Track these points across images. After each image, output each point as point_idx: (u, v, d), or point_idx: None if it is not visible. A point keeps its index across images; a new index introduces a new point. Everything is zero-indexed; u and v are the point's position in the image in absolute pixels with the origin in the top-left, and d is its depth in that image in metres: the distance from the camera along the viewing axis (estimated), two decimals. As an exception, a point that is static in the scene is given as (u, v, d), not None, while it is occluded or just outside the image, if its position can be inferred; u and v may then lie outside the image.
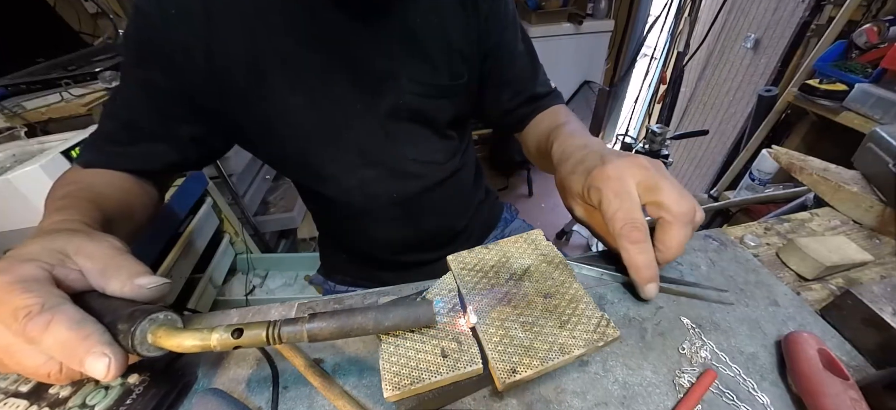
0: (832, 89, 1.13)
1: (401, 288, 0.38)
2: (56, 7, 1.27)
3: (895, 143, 0.45)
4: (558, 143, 0.42)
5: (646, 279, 0.30)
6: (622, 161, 0.31)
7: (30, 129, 0.92)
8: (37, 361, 0.23)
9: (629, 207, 0.29)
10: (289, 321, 0.24)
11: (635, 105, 2.45)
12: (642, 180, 0.30)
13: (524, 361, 0.26)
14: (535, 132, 0.54)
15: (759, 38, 1.63)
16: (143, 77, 0.41)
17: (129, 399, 0.27)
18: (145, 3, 0.38)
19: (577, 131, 0.44)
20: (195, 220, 1.07)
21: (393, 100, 0.47)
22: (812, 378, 0.26)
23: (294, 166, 0.53)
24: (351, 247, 0.64)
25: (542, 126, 0.53)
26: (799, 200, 0.74)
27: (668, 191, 0.29)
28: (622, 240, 0.29)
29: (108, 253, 0.27)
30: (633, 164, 0.30)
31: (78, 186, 0.38)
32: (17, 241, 0.71)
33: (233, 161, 1.28)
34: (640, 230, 0.29)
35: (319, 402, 0.29)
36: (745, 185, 1.33)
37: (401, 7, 0.44)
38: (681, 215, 0.29)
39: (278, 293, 1.35)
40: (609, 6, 2.12)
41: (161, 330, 0.24)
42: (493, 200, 0.74)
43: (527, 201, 2.25)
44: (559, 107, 0.55)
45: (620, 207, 0.29)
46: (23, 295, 0.22)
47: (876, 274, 0.40)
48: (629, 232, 0.29)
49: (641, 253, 0.29)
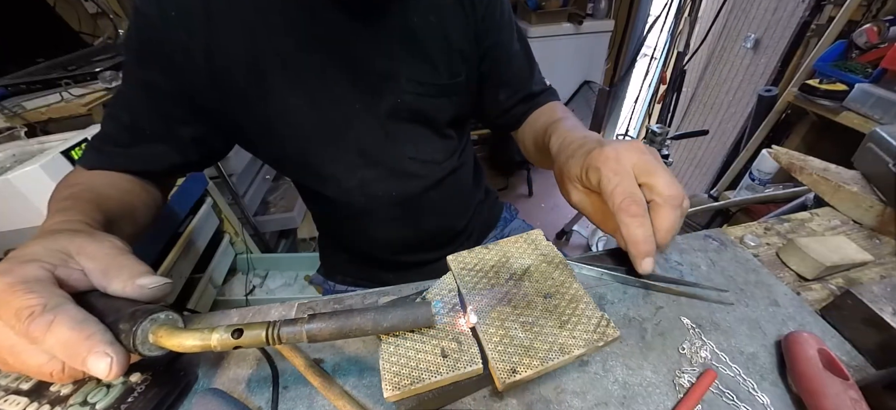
0: (832, 89, 1.13)
1: (401, 289, 0.38)
2: (56, 7, 1.27)
3: (895, 143, 0.45)
4: (556, 136, 0.42)
5: (643, 253, 0.30)
6: (620, 144, 0.32)
7: (30, 129, 0.92)
8: (39, 360, 0.23)
9: (628, 184, 0.30)
10: (288, 321, 0.24)
11: (635, 105, 2.45)
12: (638, 162, 0.30)
13: (524, 361, 0.26)
14: (532, 128, 0.54)
15: (759, 38, 1.63)
16: (144, 78, 0.41)
17: (131, 398, 0.27)
18: (145, 5, 0.38)
19: (575, 126, 0.45)
20: (195, 220, 1.07)
21: (393, 100, 0.47)
22: (812, 378, 0.26)
23: (294, 166, 0.53)
24: (351, 247, 0.65)
25: (538, 122, 0.53)
26: (799, 200, 0.74)
27: (660, 174, 0.30)
28: (622, 215, 0.29)
29: (109, 253, 0.27)
30: (630, 147, 0.32)
31: (80, 187, 0.39)
32: (17, 241, 0.71)
33: (233, 161, 1.28)
34: (639, 204, 0.29)
35: (319, 402, 0.29)
36: (745, 185, 1.33)
37: (400, 7, 0.44)
38: (671, 198, 0.29)
39: (278, 293, 1.34)
40: (609, 6, 2.12)
41: (162, 329, 0.24)
42: (493, 200, 0.74)
43: (527, 201, 2.25)
44: (555, 103, 0.56)
45: (619, 183, 0.30)
46: (25, 296, 0.22)
47: (876, 274, 0.40)
48: (628, 205, 0.29)
49: (640, 228, 0.29)
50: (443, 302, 0.31)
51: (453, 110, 0.52)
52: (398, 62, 0.46)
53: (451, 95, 0.51)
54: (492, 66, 0.53)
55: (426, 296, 0.32)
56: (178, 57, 0.39)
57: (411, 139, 0.51)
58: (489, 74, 0.53)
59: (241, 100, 0.43)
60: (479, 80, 0.54)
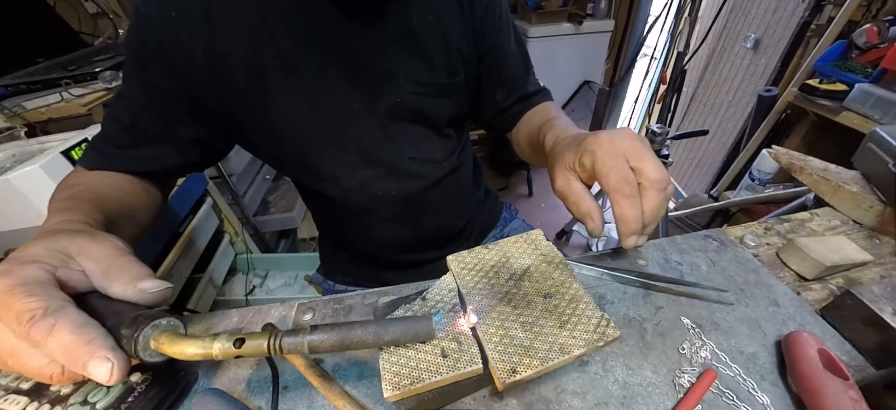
0: (832, 89, 1.13)
1: (401, 288, 0.38)
2: (56, 7, 1.27)
3: (895, 143, 0.45)
4: (552, 134, 0.44)
5: (632, 231, 0.32)
6: (613, 130, 0.34)
7: (30, 129, 0.92)
8: (39, 363, 0.23)
9: (622, 166, 0.32)
10: (290, 332, 0.24)
11: (635, 105, 2.45)
12: (629, 147, 0.32)
13: (524, 361, 0.26)
14: (527, 128, 0.55)
15: (759, 38, 1.63)
16: (145, 79, 0.41)
17: (131, 398, 0.27)
18: (145, 6, 0.38)
19: (568, 124, 0.47)
20: (195, 220, 1.07)
21: (392, 100, 0.47)
22: (812, 378, 0.26)
23: (294, 166, 0.53)
24: (351, 247, 0.65)
25: (533, 122, 0.54)
26: (799, 200, 0.74)
27: (649, 160, 0.32)
28: (616, 195, 0.31)
29: (110, 255, 0.27)
30: (622, 133, 0.34)
31: (81, 188, 0.39)
32: (17, 241, 0.71)
33: (233, 161, 1.28)
34: (631, 186, 0.31)
35: (319, 402, 0.29)
36: (745, 185, 1.33)
37: (400, 7, 0.44)
38: (657, 182, 0.31)
39: (278, 293, 1.34)
40: (609, 6, 2.12)
41: (164, 335, 0.24)
42: (493, 200, 0.74)
43: (527, 201, 2.25)
44: (548, 103, 0.57)
45: (614, 166, 0.31)
46: (26, 299, 0.22)
47: (876, 274, 0.40)
48: (623, 186, 0.31)
49: (632, 208, 0.31)
50: (443, 303, 0.31)
51: (453, 110, 0.53)
52: (398, 62, 0.46)
53: (451, 95, 0.51)
54: (490, 67, 0.53)
55: (426, 297, 0.32)
56: (179, 57, 0.39)
57: (411, 139, 0.51)
58: (488, 75, 0.54)
59: (241, 100, 0.43)
60: (478, 80, 0.54)
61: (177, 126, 0.44)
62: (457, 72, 0.50)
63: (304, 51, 0.42)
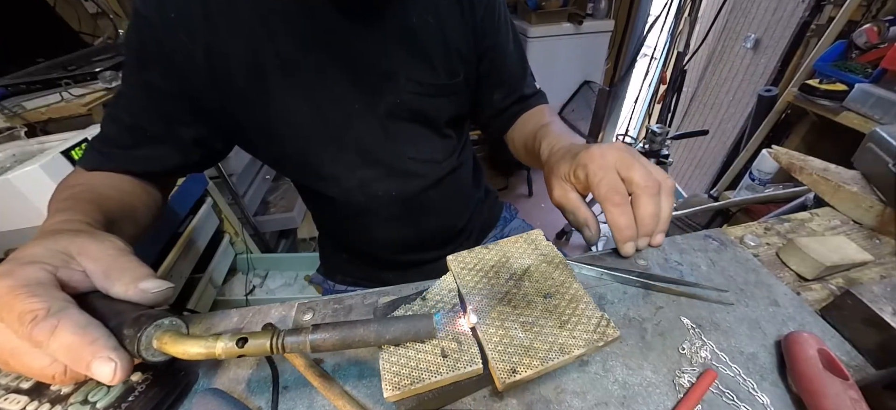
0: (832, 89, 1.13)
1: (401, 288, 0.38)
2: (56, 7, 1.27)
3: (895, 143, 0.45)
4: (546, 142, 0.46)
5: (625, 238, 0.34)
6: (603, 145, 0.37)
7: (30, 129, 0.92)
8: (41, 363, 0.23)
9: (613, 177, 0.34)
10: (292, 331, 0.24)
11: (635, 105, 2.44)
12: (618, 158, 0.34)
13: (524, 361, 0.26)
14: (522, 131, 0.56)
15: (759, 38, 1.63)
16: (145, 79, 0.41)
17: (131, 397, 0.27)
18: (145, 6, 0.38)
19: (563, 132, 0.49)
20: (195, 220, 1.07)
21: (392, 100, 0.47)
22: (812, 378, 0.26)
23: (294, 166, 0.53)
24: (351, 247, 0.65)
25: (528, 125, 0.55)
26: (799, 200, 0.74)
27: (636, 168, 0.33)
28: (607, 204, 0.33)
29: (111, 255, 0.27)
30: (612, 147, 0.36)
31: (81, 188, 0.39)
32: (17, 241, 0.71)
33: (233, 161, 1.28)
34: (621, 195, 0.33)
35: (319, 402, 0.29)
36: (745, 185, 1.33)
37: (400, 8, 0.44)
38: (646, 188, 0.33)
39: (278, 293, 1.35)
40: (609, 6, 2.12)
41: (166, 335, 0.24)
42: (493, 200, 0.74)
43: (527, 201, 2.25)
44: (543, 106, 0.58)
45: (604, 177, 0.34)
46: (28, 300, 0.22)
47: (876, 274, 0.40)
48: (613, 196, 0.33)
49: (622, 216, 0.33)
50: (443, 303, 0.31)
51: (452, 110, 0.53)
52: (398, 62, 0.46)
53: (450, 95, 0.51)
54: (490, 67, 0.53)
55: (426, 297, 0.32)
56: (178, 58, 0.39)
57: (411, 139, 0.51)
58: (487, 75, 0.54)
59: (241, 100, 0.43)
60: (477, 80, 0.54)
61: (177, 126, 0.43)
62: (457, 72, 0.50)
63: (304, 51, 0.42)
